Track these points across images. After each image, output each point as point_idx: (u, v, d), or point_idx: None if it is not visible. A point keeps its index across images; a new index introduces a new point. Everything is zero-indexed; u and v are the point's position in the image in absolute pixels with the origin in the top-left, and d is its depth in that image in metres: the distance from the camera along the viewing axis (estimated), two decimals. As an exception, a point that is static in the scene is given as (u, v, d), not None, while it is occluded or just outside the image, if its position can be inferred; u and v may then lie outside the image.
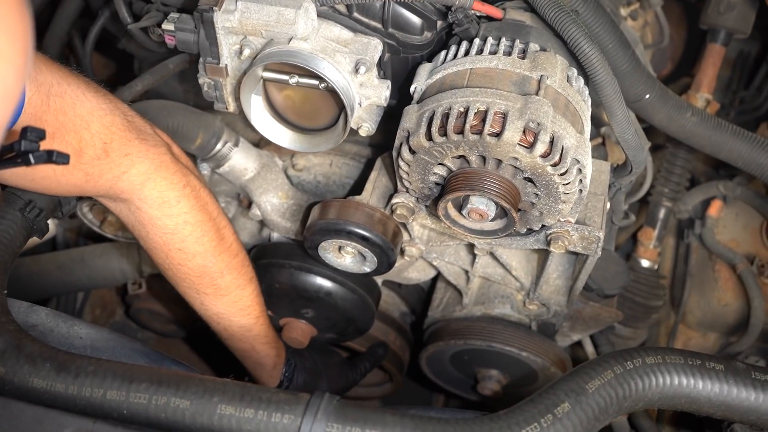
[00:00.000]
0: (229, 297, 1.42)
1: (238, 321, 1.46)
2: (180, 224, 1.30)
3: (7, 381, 1.05)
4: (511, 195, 1.25)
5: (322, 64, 1.33)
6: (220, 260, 1.37)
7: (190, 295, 1.43)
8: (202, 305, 1.44)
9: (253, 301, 1.46)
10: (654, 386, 1.11)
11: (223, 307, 1.43)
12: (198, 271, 1.36)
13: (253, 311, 1.47)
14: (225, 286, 1.40)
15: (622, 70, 1.43)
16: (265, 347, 1.55)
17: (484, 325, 1.73)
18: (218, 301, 1.42)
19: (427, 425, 1.01)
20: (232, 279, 1.40)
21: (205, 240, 1.34)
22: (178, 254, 1.33)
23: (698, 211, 2.17)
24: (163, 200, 1.26)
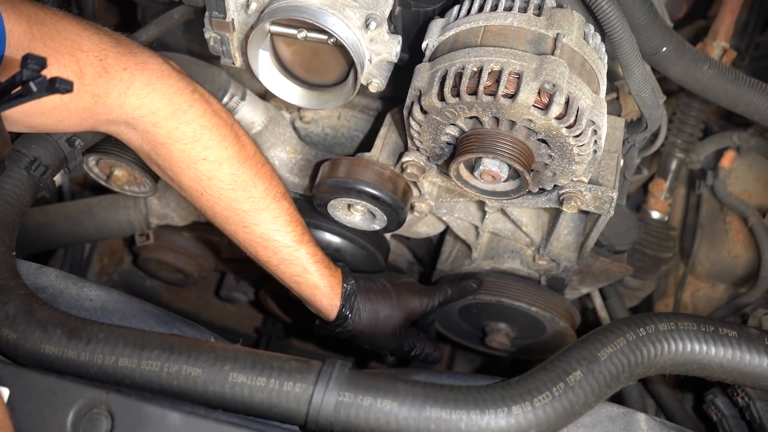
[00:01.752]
0: (268, 211, 1.36)
1: (283, 240, 1.38)
2: (197, 129, 1.25)
3: (19, 347, 1.05)
4: (525, 157, 1.23)
5: (331, 20, 1.29)
6: (248, 167, 1.32)
7: (231, 221, 1.37)
8: (245, 230, 1.37)
9: (293, 216, 1.39)
10: (666, 353, 1.11)
11: (265, 225, 1.36)
12: (230, 182, 1.31)
13: (297, 227, 1.40)
14: (260, 197, 1.34)
15: (639, 23, 1.39)
16: (318, 266, 1.43)
17: (493, 279, 1.72)
18: (258, 217, 1.35)
19: (439, 394, 1.01)
20: (265, 188, 1.35)
21: (227, 144, 1.29)
22: (205, 166, 1.28)
23: (710, 161, 2.15)
24: (174, 108, 1.22)
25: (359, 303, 1.50)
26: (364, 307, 1.50)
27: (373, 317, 1.51)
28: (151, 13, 1.78)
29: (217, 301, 2.54)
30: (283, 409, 1.01)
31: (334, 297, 1.46)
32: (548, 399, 1.02)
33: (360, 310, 1.50)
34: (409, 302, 1.57)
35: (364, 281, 1.53)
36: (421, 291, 1.60)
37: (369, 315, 1.51)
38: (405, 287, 1.59)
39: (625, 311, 1.96)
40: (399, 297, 1.56)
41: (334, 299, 1.47)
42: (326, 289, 1.45)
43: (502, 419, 1.00)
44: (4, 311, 1.07)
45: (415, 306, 1.58)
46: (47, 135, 1.31)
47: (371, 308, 1.51)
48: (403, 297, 1.57)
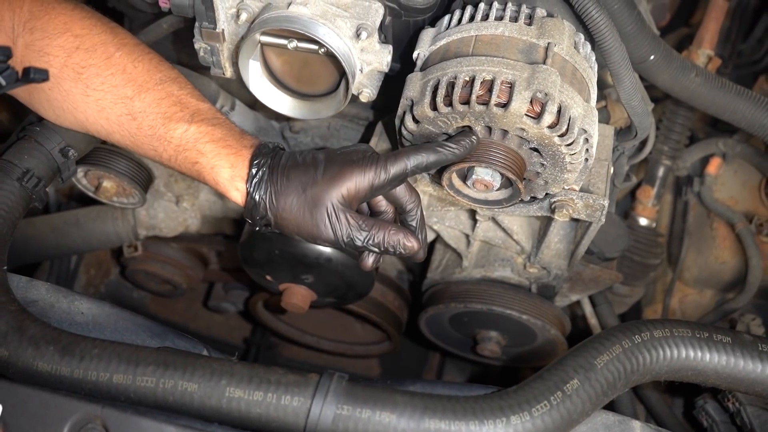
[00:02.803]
0: (152, 93, 1.22)
1: (172, 123, 1.21)
2: (68, 21, 1.22)
3: (11, 364, 1.04)
4: (517, 166, 1.23)
5: (322, 30, 1.29)
6: (126, 51, 1.24)
7: (123, 119, 1.23)
8: (134, 123, 1.23)
9: (182, 97, 1.24)
10: (662, 359, 1.11)
11: (152, 109, 1.22)
12: (107, 67, 1.22)
13: (187, 108, 1.23)
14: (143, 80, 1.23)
15: (627, 32, 1.40)
16: (214, 144, 1.19)
17: (484, 288, 1.72)
18: (143, 102, 1.22)
19: (437, 405, 1.01)
20: (147, 70, 1.24)
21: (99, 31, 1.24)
22: (79, 55, 1.21)
23: (697, 168, 2.16)
24: (45, 5, 1.20)
25: (276, 182, 1.17)
26: (282, 186, 1.16)
27: (295, 199, 1.16)
28: (138, 24, 1.76)
29: (205, 312, 2.53)
30: (280, 423, 1.00)
31: (239, 180, 1.17)
32: (546, 408, 1.02)
33: (276, 192, 1.17)
34: (346, 173, 1.16)
35: (289, 156, 1.20)
36: (369, 158, 1.18)
37: (290, 196, 1.16)
38: (343, 156, 1.19)
39: (614, 318, 1.97)
40: (329, 168, 1.17)
41: (239, 183, 1.17)
42: (228, 170, 1.18)
43: (501, 429, 0.99)
44: (-5, 328, 1.06)
45: (357, 176, 1.16)
46: (40, 146, 1.29)
47: (291, 187, 1.16)
48: (336, 167, 1.17)
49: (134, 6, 1.59)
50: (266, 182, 1.17)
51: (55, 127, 1.33)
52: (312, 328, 2.33)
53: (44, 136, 1.32)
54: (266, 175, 1.17)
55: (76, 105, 1.25)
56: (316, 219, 1.16)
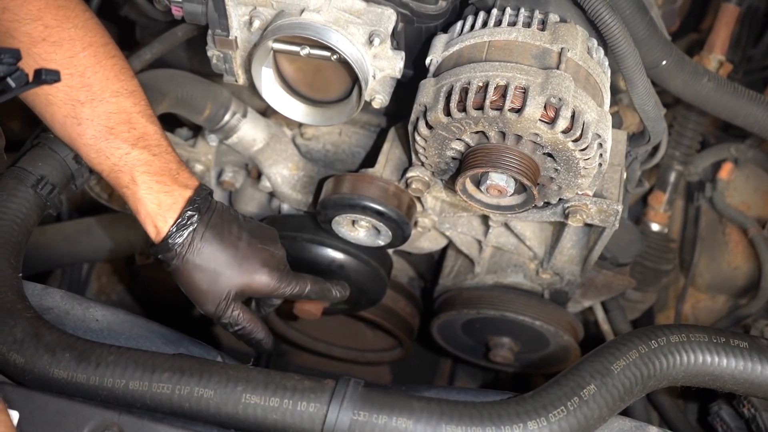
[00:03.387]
0: (104, 105, 1.21)
1: (115, 141, 1.21)
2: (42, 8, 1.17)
3: (27, 371, 1.04)
4: (531, 171, 1.23)
5: (335, 37, 1.29)
6: (90, 52, 1.21)
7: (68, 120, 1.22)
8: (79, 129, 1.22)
9: (132, 117, 1.23)
10: (678, 365, 1.10)
11: (99, 121, 1.21)
12: (67, 66, 1.19)
13: (135, 129, 1.23)
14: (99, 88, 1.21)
15: (640, 37, 1.39)
16: (148, 177, 1.23)
17: (496, 294, 1.72)
18: (94, 111, 1.21)
19: (454, 411, 1.01)
20: (106, 79, 1.22)
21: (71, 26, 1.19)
22: (43, 48, 1.18)
23: (708, 173, 2.16)
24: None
25: (194, 239, 1.24)
26: (198, 247, 1.24)
27: (202, 264, 1.25)
28: (149, 32, 1.77)
29: (215, 320, 2.52)
30: (297, 430, 1.01)
31: (160, 219, 1.23)
32: (563, 414, 1.01)
33: (191, 247, 1.24)
34: (255, 273, 1.29)
35: (218, 219, 1.27)
36: (278, 270, 1.32)
37: (199, 259, 1.25)
38: (263, 256, 1.31)
39: (627, 324, 1.96)
40: (246, 261, 1.28)
41: (160, 221, 1.23)
42: (153, 207, 1.23)
43: (518, 435, 0.99)
44: (12, 335, 1.06)
45: (261, 282, 1.30)
46: (54, 153, 1.29)
47: (206, 254, 1.25)
48: (251, 264, 1.29)
49: (147, 14, 1.59)
50: (187, 237, 1.24)
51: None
52: (323, 335, 2.32)
53: (58, 143, 1.32)
54: (190, 232, 1.24)
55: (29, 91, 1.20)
56: (211, 293, 1.28)
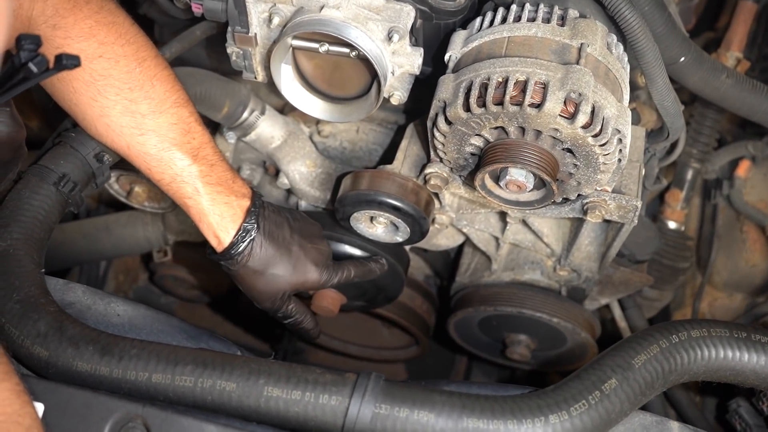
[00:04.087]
0: (166, 116, 1.27)
1: (179, 151, 1.28)
2: (94, 26, 1.21)
3: (51, 364, 1.05)
4: (551, 166, 1.23)
5: (354, 33, 1.30)
6: (146, 67, 1.26)
7: (126, 130, 1.27)
8: (140, 139, 1.27)
9: (192, 126, 1.30)
10: (699, 359, 1.10)
11: (161, 131, 1.27)
12: (127, 81, 1.24)
13: (195, 139, 1.30)
14: (160, 99, 1.27)
15: (658, 33, 1.39)
16: (211, 188, 1.31)
17: (514, 291, 1.72)
18: (155, 122, 1.27)
19: (475, 404, 1.01)
20: (165, 90, 1.28)
21: (124, 42, 1.24)
22: (100, 64, 1.22)
23: (726, 171, 2.15)
24: (72, 4, 1.19)
25: (254, 248, 1.35)
26: (257, 254, 1.36)
27: (261, 269, 1.37)
28: (169, 31, 1.78)
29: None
30: (318, 422, 1.01)
31: (223, 230, 1.33)
32: (585, 408, 1.01)
33: (251, 255, 1.35)
34: (308, 272, 1.42)
35: (273, 226, 1.38)
36: (326, 265, 1.45)
37: (258, 265, 1.37)
38: (313, 255, 1.44)
39: (644, 322, 1.96)
40: (299, 262, 1.41)
41: (222, 233, 1.33)
42: (216, 218, 1.32)
43: (540, 428, 0.99)
44: (36, 329, 1.07)
45: (313, 279, 1.43)
46: (75, 151, 1.31)
47: (264, 259, 1.36)
48: (304, 264, 1.42)
49: (166, 13, 1.60)
50: (247, 246, 1.34)
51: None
52: (339, 333, 2.32)
53: (79, 142, 1.33)
54: (249, 242, 1.35)
55: (78, 101, 1.26)
56: (268, 293, 1.41)
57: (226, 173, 1.34)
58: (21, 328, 1.08)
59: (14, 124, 1.25)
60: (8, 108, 1.24)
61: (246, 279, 1.39)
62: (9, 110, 1.24)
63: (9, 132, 1.24)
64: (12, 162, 1.28)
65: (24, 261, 1.16)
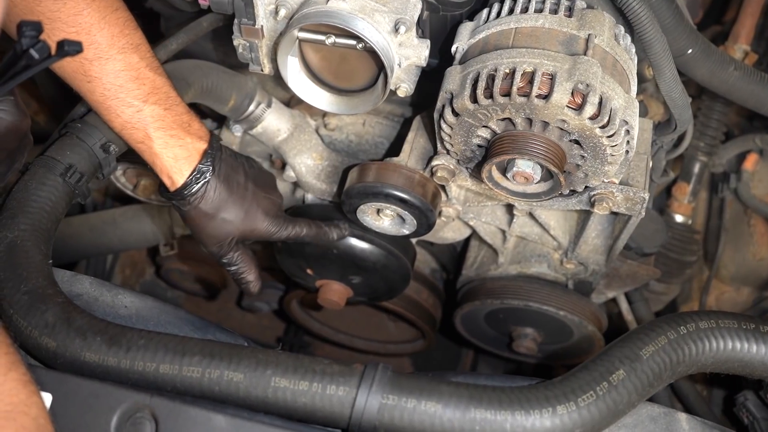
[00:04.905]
0: (112, 62, 1.22)
1: (126, 98, 1.25)
2: None
3: (59, 355, 1.05)
4: (558, 158, 1.23)
5: (361, 25, 1.29)
6: (94, 8, 1.20)
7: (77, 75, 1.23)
8: (89, 86, 1.24)
9: (141, 72, 1.26)
10: (708, 351, 1.10)
11: (108, 78, 1.24)
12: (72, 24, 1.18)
13: (144, 85, 1.26)
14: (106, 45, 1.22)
15: (666, 25, 1.38)
16: (163, 132, 1.29)
17: (520, 284, 1.72)
18: (102, 69, 1.23)
19: (483, 395, 1.01)
20: (112, 35, 1.22)
21: None
22: (46, 5, 1.16)
23: (733, 164, 2.14)
24: None
25: (207, 190, 1.34)
26: (210, 197, 1.35)
27: (212, 212, 1.37)
28: (174, 24, 1.78)
29: (238, 312, 2.54)
30: (326, 413, 1.01)
31: (176, 172, 1.32)
32: (592, 398, 1.01)
33: (204, 198, 1.35)
34: (257, 221, 1.42)
35: (229, 170, 1.38)
36: (277, 218, 1.45)
37: (209, 207, 1.36)
38: (265, 204, 1.44)
39: (651, 315, 1.95)
40: (251, 209, 1.41)
41: (176, 174, 1.32)
42: (169, 161, 1.31)
43: (547, 419, 0.99)
44: (44, 320, 1.08)
45: (261, 228, 1.43)
46: (82, 142, 1.31)
47: (216, 203, 1.36)
48: (255, 212, 1.42)
49: (172, 5, 1.60)
50: (200, 188, 1.34)
51: (96, 124, 1.34)
52: (345, 327, 2.33)
53: (86, 133, 1.33)
54: (203, 184, 1.34)
55: None
56: (216, 237, 1.41)
57: (182, 116, 1.32)
58: (29, 318, 1.08)
59: (18, 112, 1.25)
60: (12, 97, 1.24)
61: (196, 220, 1.38)
62: (13, 99, 1.24)
63: (13, 120, 1.24)
64: (17, 151, 1.28)
65: (32, 252, 1.16)
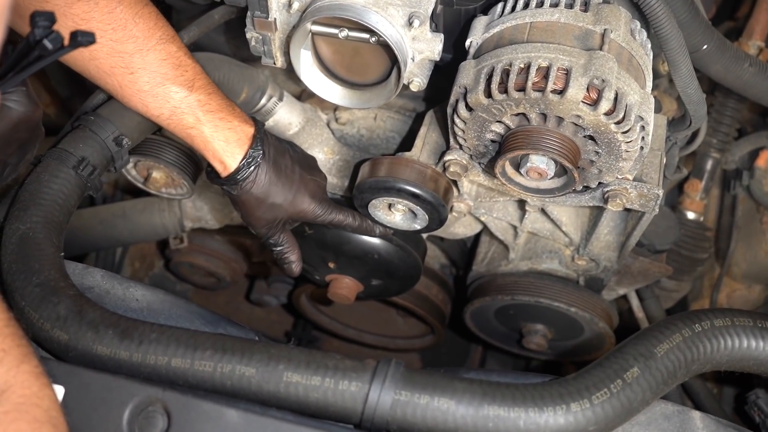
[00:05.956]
0: (154, 53, 1.26)
1: (173, 84, 1.28)
2: None
3: (71, 348, 1.05)
4: (572, 153, 1.22)
5: (374, 18, 1.28)
6: (126, 5, 1.23)
7: (117, 70, 1.26)
8: (131, 78, 1.27)
9: (182, 59, 1.30)
10: (723, 349, 1.09)
11: (152, 67, 1.27)
12: (108, 22, 1.21)
13: (188, 71, 1.30)
14: (144, 37, 1.25)
15: (681, 20, 1.37)
16: (212, 116, 1.32)
17: (531, 280, 1.71)
18: (144, 60, 1.26)
19: (496, 391, 1.00)
20: (148, 28, 1.26)
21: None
22: (80, 7, 1.19)
23: (746, 161, 2.13)
24: None
25: (259, 174, 1.36)
26: (262, 181, 1.37)
27: (263, 196, 1.38)
28: (186, 16, 1.77)
29: (246, 305, 2.54)
30: (338, 408, 1.01)
31: (229, 156, 1.34)
32: (606, 396, 1.01)
33: (255, 182, 1.37)
34: (305, 203, 1.44)
35: (277, 154, 1.39)
36: (323, 201, 1.47)
37: (260, 192, 1.38)
38: (312, 187, 1.45)
39: (662, 312, 1.94)
40: (298, 192, 1.42)
41: (228, 158, 1.34)
42: (221, 144, 1.33)
43: (561, 417, 0.99)
44: (56, 312, 1.07)
45: (308, 211, 1.45)
46: (94, 135, 1.31)
47: (266, 186, 1.38)
48: (303, 195, 1.43)
49: (186, -1, 1.59)
50: (252, 172, 1.35)
51: (109, 116, 1.34)
52: (354, 322, 2.33)
53: (98, 126, 1.33)
54: (254, 168, 1.35)
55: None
56: (265, 219, 1.43)
57: (225, 101, 1.35)
58: (41, 311, 1.08)
59: (30, 103, 1.24)
60: (24, 88, 1.23)
61: (246, 204, 1.40)
62: (25, 90, 1.24)
63: (25, 111, 1.24)
64: (29, 142, 1.28)
65: (44, 244, 1.16)
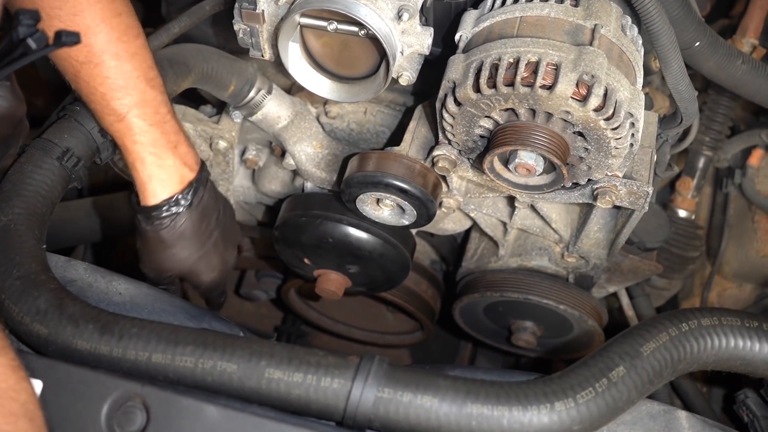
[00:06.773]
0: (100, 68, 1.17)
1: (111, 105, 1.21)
2: None
3: (51, 342, 1.04)
4: (561, 150, 1.21)
5: (363, 11, 1.27)
6: (93, 11, 1.14)
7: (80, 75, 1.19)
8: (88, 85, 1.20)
9: (130, 82, 1.20)
10: (710, 348, 1.08)
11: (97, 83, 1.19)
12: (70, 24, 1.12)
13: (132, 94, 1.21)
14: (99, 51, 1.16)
15: (673, 17, 1.37)
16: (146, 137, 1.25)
17: (520, 277, 1.70)
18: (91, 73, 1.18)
19: (480, 389, 0.99)
20: (107, 41, 1.17)
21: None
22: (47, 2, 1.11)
23: (738, 159, 2.12)
24: None
25: (176, 221, 1.30)
26: (174, 227, 1.31)
27: (169, 244, 1.33)
28: (176, 8, 1.76)
29: (235, 300, 2.52)
30: (320, 405, 0.99)
31: (149, 194, 1.29)
32: (591, 395, 1.00)
33: (167, 229, 1.30)
34: (204, 276, 1.43)
35: (206, 210, 1.33)
36: (222, 276, 1.47)
37: (169, 238, 1.32)
38: (218, 261, 1.43)
39: (652, 310, 1.94)
40: (205, 256, 1.38)
41: (149, 195, 1.29)
42: (143, 179, 1.28)
43: (545, 416, 0.98)
44: (35, 306, 1.06)
45: (203, 282, 1.45)
46: (80, 125, 1.29)
47: (177, 236, 1.31)
48: (208, 261, 1.40)
49: (174, -11, 1.58)
50: (169, 218, 1.30)
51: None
52: (343, 317, 2.31)
53: (84, 116, 1.31)
54: (173, 215, 1.30)
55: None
56: (162, 265, 1.38)
57: (170, 136, 1.28)
58: (21, 305, 1.06)
59: (14, 98, 1.23)
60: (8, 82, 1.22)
61: (149, 243, 1.34)
62: (9, 84, 1.22)
63: (9, 106, 1.22)
64: (12, 137, 1.27)
65: (25, 236, 1.15)
